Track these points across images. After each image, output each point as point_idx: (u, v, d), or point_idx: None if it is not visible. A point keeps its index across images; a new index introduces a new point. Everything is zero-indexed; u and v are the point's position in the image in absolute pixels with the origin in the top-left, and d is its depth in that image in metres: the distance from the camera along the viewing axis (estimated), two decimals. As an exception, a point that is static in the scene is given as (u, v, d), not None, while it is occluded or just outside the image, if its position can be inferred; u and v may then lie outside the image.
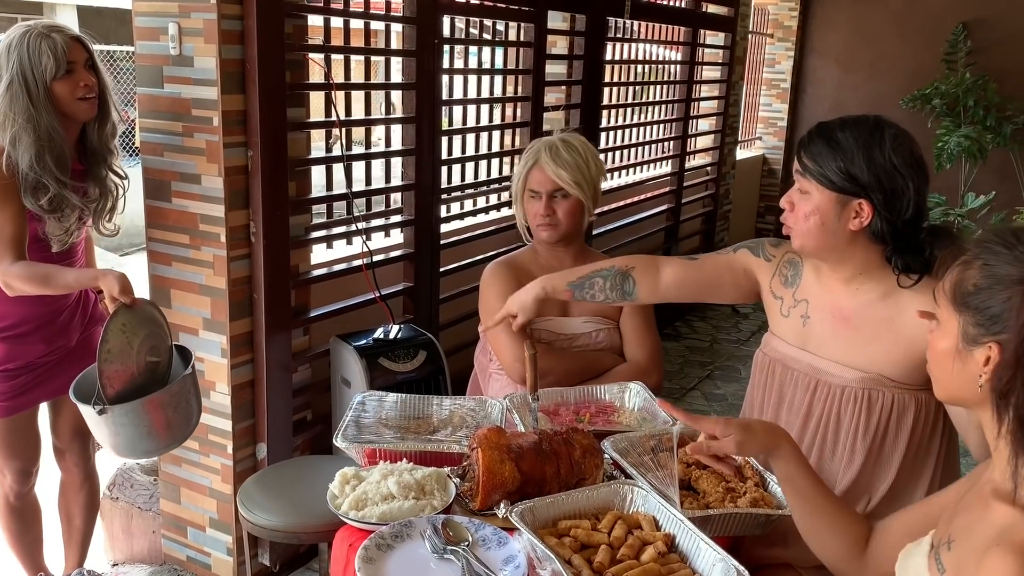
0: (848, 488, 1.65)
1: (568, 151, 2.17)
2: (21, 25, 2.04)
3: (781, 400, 1.74)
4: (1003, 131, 6.15)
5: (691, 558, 1.36)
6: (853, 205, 1.56)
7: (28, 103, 1.99)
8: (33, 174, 2.02)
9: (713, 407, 4.19)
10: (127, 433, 1.90)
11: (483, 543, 1.42)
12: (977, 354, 1.10)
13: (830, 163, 1.56)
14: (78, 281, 2.08)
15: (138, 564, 2.76)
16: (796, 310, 1.73)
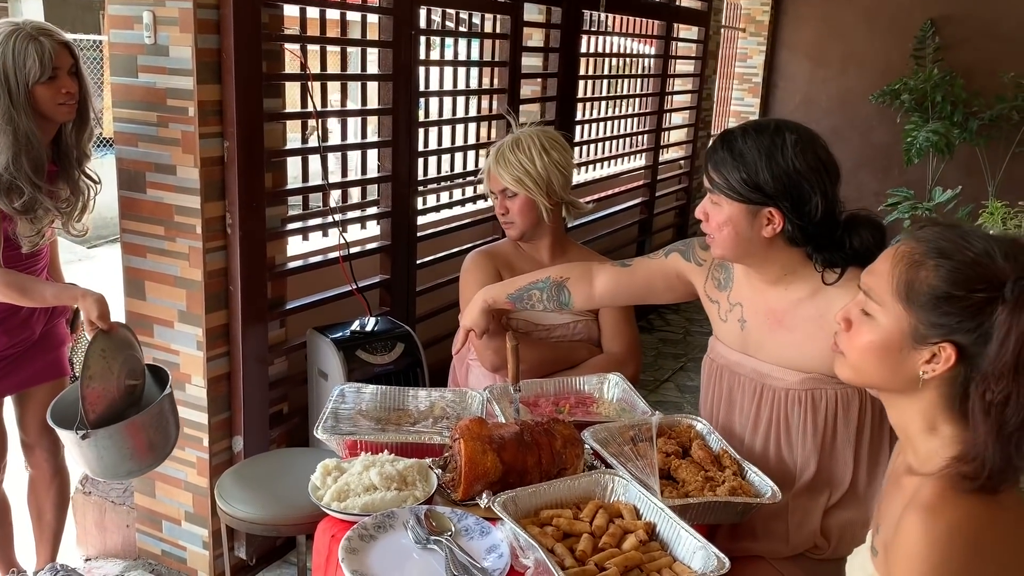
0: (808, 483, 1.67)
1: (514, 150, 2.20)
2: (8, 23, 2.01)
3: (731, 405, 1.77)
4: (970, 126, 6.26)
5: (672, 546, 1.38)
6: (764, 213, 1.57)
7: (8, 104, 1.97)
8: (8, 176, 1.99)
9: (687, 398, 4.23)
10: (110, 456, 1.94)
11: (466, 533, 1.43)
12: (920, 352, 1.12)
13: (734, 174, 1.57)
14: (56, 297, 2.09)
15: (112, 559, 2.74)
16: (732, 314, 1.75)
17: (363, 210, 3.00)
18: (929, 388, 1.13)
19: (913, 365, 1.13)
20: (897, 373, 1.15)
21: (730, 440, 1.73)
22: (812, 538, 1.67)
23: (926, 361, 1.12)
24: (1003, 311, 1.05)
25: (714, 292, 1.80)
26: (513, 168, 2.18)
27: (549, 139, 2.22)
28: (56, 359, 2.35)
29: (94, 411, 1.94)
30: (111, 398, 1.98)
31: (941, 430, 1.14)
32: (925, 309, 1.11)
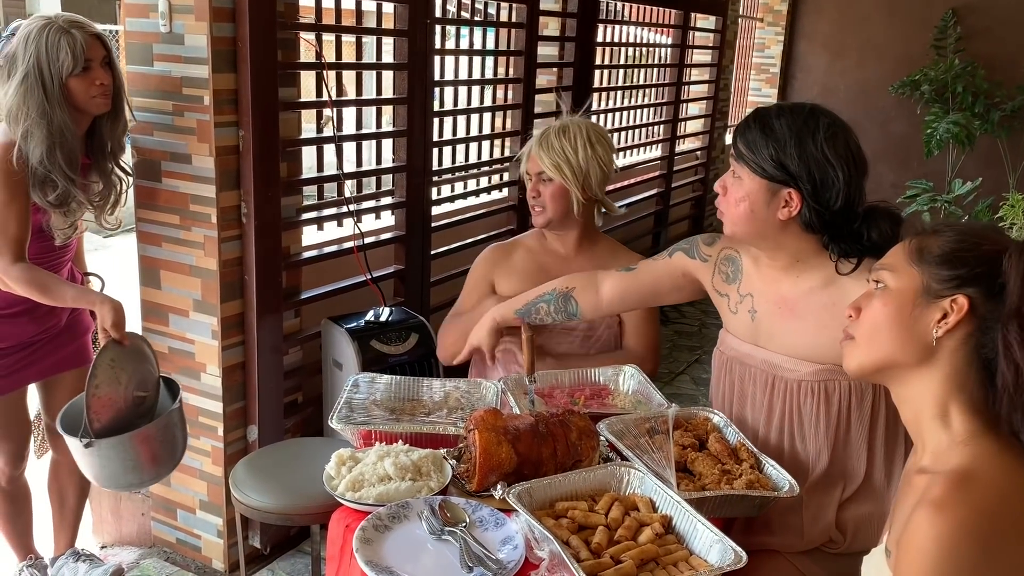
0: (822, 475, 1.65)
1: (560, 136, 2.18)
2: (40, 17, 2.02)
3: (743, 397, 1.74)
4: (991, 117, 6.18)
5: (688, 539, 1.37)
6: (783, 194, 1.55)
7: (43, 97, 1.97)
8: (43, 169, 2.00)
9: (701, 391, 4.21)
10: (113, 466, 1.95)
11: (480, 524, 1.42)
12: (932, 311, 1.15)
13: (763, 150, 1.55)
14: (75, 300, 2.10)
15: (127, 546, 2.75)
16: (743, 305, 1.73)
17: (378, 200, 2.99)
18: (941, 357, 1.14)
19: (926, 326, 1.15)
20: (910, 339, 1.16)
21: (742, 430, 1.71)
22: (827, 532, 1.65)
23: (938, 321, 1.14)
24: (1012, 257, 1.10)
25: (722, 286, 1.78)
26: (555, 154, 2.16)
27: (596, 133, 2.21)
28: (81, 346, 2.37)
29: (99, 420, 1.94)
30: (118, 408, 1.99)
31: (952, 418, 1.13)
32: (936, 264, 1.15)
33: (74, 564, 2.47)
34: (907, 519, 1.09)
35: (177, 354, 2.46)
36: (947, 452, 1.12)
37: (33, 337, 2.21)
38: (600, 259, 2.23)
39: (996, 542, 1.03)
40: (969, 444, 1.11)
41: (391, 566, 1.30)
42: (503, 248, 2.31)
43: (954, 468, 1.09)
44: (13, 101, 1.98)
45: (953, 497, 1.04)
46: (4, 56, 2.01)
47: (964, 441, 1.11)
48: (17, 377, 2.20)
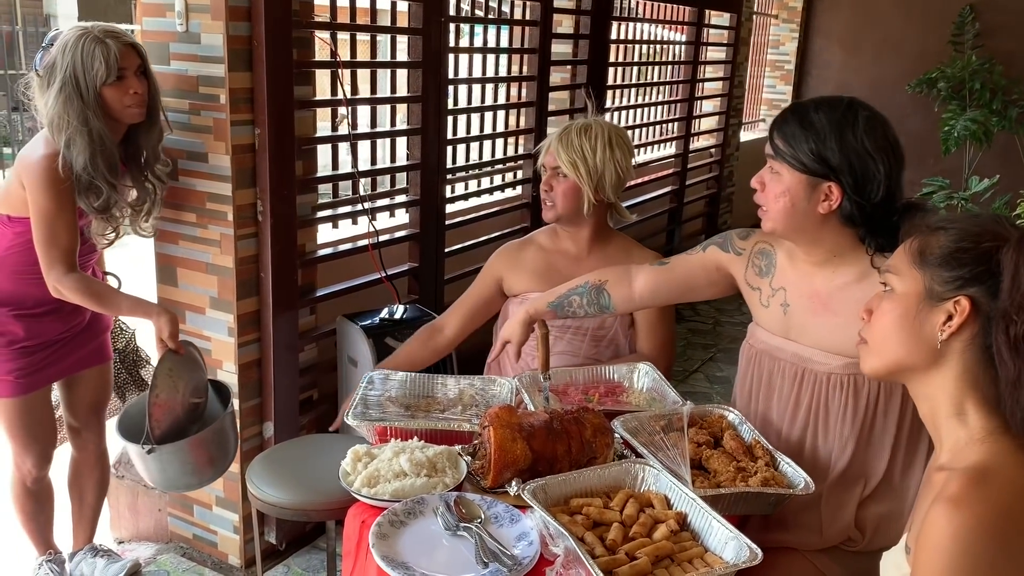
0: (843, 473, 1.65)
1: (581, 135, 2.18)
2: (78, 27, 2.05)
3: (770, 390, 1.74)
4: (1009, 114, 6.13)
5: (703, 536, 1.37)
6: (823, 188, 1.55)
7: (81, 106, 2.01)
8: (87, 175, 2.05)
9: (716, 388, 4.20)
10: (173, 470, 2.06)
11: (495, 520, 1.43)
12: (937, 313, 1.14)
13: (802, 144, 1.54)
14: (131, 310, 2.16)
15: (144, 542, 2.78)
16: (775, 299, 1.72)
17: (392, 198, 3.00)
18: (951, 357, 1.14)
19: (932, 329, 1.15)
20: (918, 342, 1.16)
21: (766, 426, 1.71)
22: (846, 531, 1.65)
23: (943, 323, 1.14)
24: (1010, 250, 1.09)
25: (755, 279, 1.77)
26: (573, 151, 2.16)
27: (618, 136, 2.21)
28: (102, 344, 2.40)
29: (159, 427, 2.03)
30: (175, 415, 2.08)
31: (969, 416, 1.13)
32: (938, 266, 1.15)
33: (92, 559, 2.50)
34: (924, 516, 1.08)
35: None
36: (965, 449, 1.12)
37: (58, 336, 2.23)
38: (612, 258, 2.23)
39: (1014, 538, 1.02)
40: (986, 441, 1.10)
41: (407, 561, 1.31)
42: (516, 246, 2.33)
43: (971, 465, 1.08)
44: (54, 110, 2.02)
45: (970, 494, 1.04)
46: (44, 66, 2.04)
47: (981, 438, 1.11)
48: (42, 375, 2.23)
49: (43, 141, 2.06)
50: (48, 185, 2.02)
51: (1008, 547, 1.02)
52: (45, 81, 2.04)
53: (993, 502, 1.03)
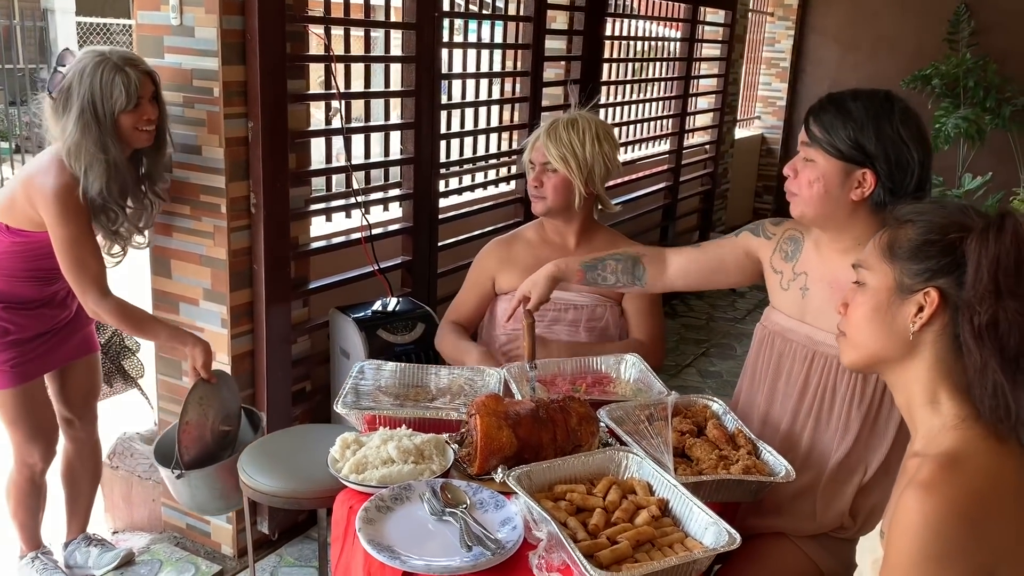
0: (843, 459, 1.67)
1: (568, 129, 2.21)
2: (94, 52, 2.08)
3: (779, 371, 1.77)
4: (1002, 112, 6.16)
5: (684, 522, 1.39)
6: (857, 175, 1.57)
7: (99, 132, 2.05)
8: (100, 200, 2.10)
9: (708, 383, 4.23)
10: (202, 494, 2.15)
11: (481, 506, 1.45)
12: (908, 305, 1.17)
13: (840, 131, 1.57)
14: (168, 338, 2.24)
15: (138, 531, 2.80)
16: (795, 283, 1.76)
17: (386, 192, 3.02)
18: (923, 347, 1.17)
19: (904, 322, 1.17)
20: (891, 335, 1.19)
21: (770, 408, 1.75)
22: (840, 518, 1.67)
23: (915, 315, 1.16)
24: (972, 241, 1.11)
25: (779, 263, 1.81)
26: (563, 146, 2.19)
27: (604, 130, 2.24)
28: (87, 335, 2.43)
29: (188, 453, 2.12)
30: (205, 442, 2.17)
31: (942, 404, 1.15)
32: (906, 259, 1.17)
33: (86, 548, 2.53)
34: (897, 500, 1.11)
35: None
36: (938, 436, 1.14)
37: (46, 328, 2.28)
38: (600, 251, 2.25)
39: (982, 522, 1.05)
40: (959, 428, 1.13)
41: (392, 545, 1.34)
42: (504, 242, 2.34)
43: (943, 451, 1.11)
44: (73, 138, 2.05)
45: (941, 478, 1.06)
46: (58, 90, 2.08)
47: (954, 425, 1.13)
48: (34, 365, 2.26)
49: (56, 166, 2.09)
50: (70, 216, 2.07)
51: (977, 531, 1.05)
52: (60, 105, 2.08)
53: (963, 486, 1.06)
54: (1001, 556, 1.06)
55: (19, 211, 2.12)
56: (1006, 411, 1.09)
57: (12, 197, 2.14)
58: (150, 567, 2.55)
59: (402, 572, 1.30)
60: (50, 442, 2.38)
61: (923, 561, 1.04)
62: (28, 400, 2.27)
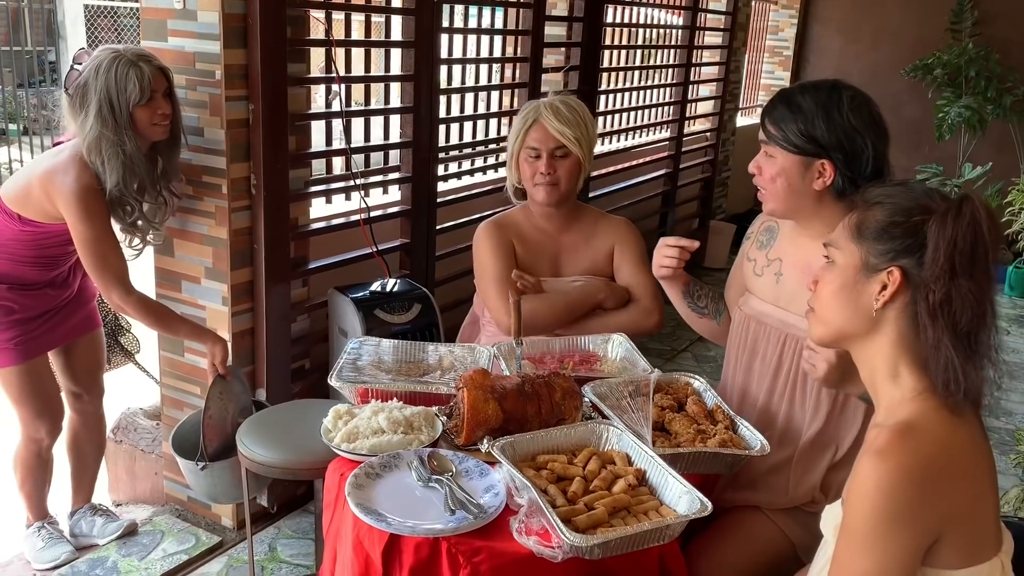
0: (815, 437, 1.73)
1: (568, 109, 2.20)
2: (109, 49, 2.14)
3: (754, 353, 1.83)
4: (1003, 102, 6.17)
5: (659, 491, 1.45)
6: (816, 166, 1.63)
7: (115, 126, 2.12)
8: (118, 192, 2.17)
9: (704, 368, 4.28)
10: (223, 484, 2.29)
11: (466, 474, 1.51)
12: (873, 283, 1.22)
13: (791, 126, 1.63)
14: (188, 334, 2.36)
15: (141, 504, 2.87)
16: (770, 269, 1.82)
17: (385, 175, 3.07)
18: (886, 324, 1.22)
19: (868, 299, 1.22)
20: (856, 312, 1.24)
21: (747, 388, 1.81)
22: (812, 492, 1.73)
23: (878, 292, 1.21)
24: (932, 223, 1.16)
25: (753, 252, 1.88)
26: (574, 127, 2.17)
27: (586, 110, 2.25)
28: (90, 312, 2.51)
29: (211, 446, 2.26)
30: (225, 434, 2.29)
31: (903, 378, 1.20)
32: (873, 240, 1.22)
33: (92, 518, 2.60)
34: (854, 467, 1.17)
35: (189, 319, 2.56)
36: (897, 408, 1.20)
37: (49, 307, 2.35)
38: (587, 232, 2.29)
39: (933, 487, 1.11)
40: (916, 400, 1.18)
41: (379, 509, 1.40)
42: (497, 223, 2.33)
43: (899, 420, 1.16)
44: (92, 133, 2.12)
45: (895, 445, 1.12)
46: (75, 87, 2.14)
47: (912, 398, 1.19)
48: (39, 343, 2.34)
49: (77, 165, 2.15)
50: (92, 215, 2.15)
51: (928, 495, 1.11)
52: (77, 102, 2.14)
53: (915, 452, 1.12)
54: (949, 519, 1.12)
55: (34, 204, 2.19)
56: (956, 385, 1.14)
57: (27, 189, 2.20)
58: (152, 538, 2.62)
59: (389, 534, 1.36)
60: (56, 418, 2.46)
61: (876, 523, 1.10)
62: (34, 377, 2.34)
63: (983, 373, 1.17)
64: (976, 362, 1.16)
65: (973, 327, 1.15)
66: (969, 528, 1.15)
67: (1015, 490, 2.88)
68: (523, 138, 2.22)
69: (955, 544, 1.14)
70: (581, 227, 2.31)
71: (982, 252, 1.15)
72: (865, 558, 1.12)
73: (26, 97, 8.35)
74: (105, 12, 10.06)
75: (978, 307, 1.15)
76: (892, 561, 1.11)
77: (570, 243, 2.29)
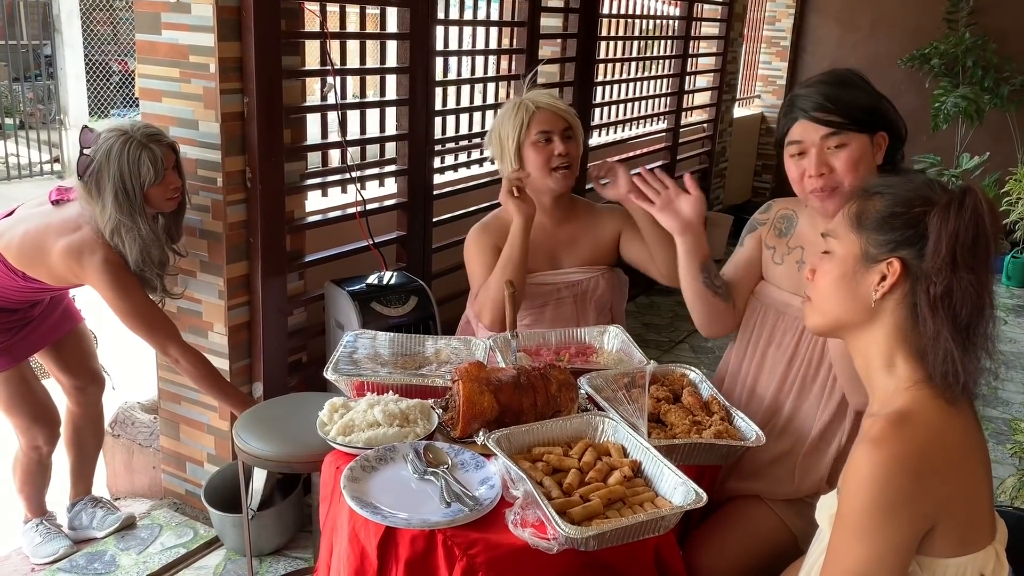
0: (826, 426, 1.73)
1: (554, 97, 2.22)
2: (116, 132, 2.14)
3: (770, 341, 1.83)
4: (1000, 92, 6.16)
5: (655, 482, 1.46)
6: (877, 139, 1.64)
7: (129, 207, 2.14)
8: (138, 270, 2.21)
9: (701, 359, 4.29)
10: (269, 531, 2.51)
11: (462, 466, 1.51)
12: (872, 274, 1.22)
13: (853, 106, 1.63)
14: (227, 399, 2.39)
15: (139, 498, 2.88)
16: (790, 256, 1.81)
17: (381, 168, 3.07)
18: (884, 314, 1.22)
19: (867, 289, 1.22)
20: (855, 301, 1.24)
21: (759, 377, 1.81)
22: (818, 485, 1.73)
23: (878, 283, 1.21)
24: (934, 215, 1.16)
25: (773, 239, 1.87)
26: (570, 110, 2.19)
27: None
28: (66, 309, 2.52)
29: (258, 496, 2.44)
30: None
31: (898, 368, 1.21)
32: (873, 230, 1.22)
33: (92, 509, 2.61)
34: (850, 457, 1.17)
35: (186, 313, 2.56)
36: (892, 397, 1.20)
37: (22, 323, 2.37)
38: (584, 224, 2.28)
39: (927, 475, 1.11)
40: (911, 390, 1.19)
41: (375, 502, 1.40)
42: (487, 228, 2.28)
43: (894, 410, 1.17)
44: (112, 218, 2.14)
45: (889, 434, 1.13)
46: (88, 174, 2.14)
47: (907, 387, 1.19)
48: (19, 348, 2.35)
49: (101, 244, 2.17)
50: (126, 286, 2.19)
51: (922, 483, 1.11)
52: (92, 188, 2.15)
53: (909, 441, 1.12)
54: (944, 508, 1.13)
55: (49, 270, 2.21)
56: (955, 376, 1.15)
57: (41, 256, 2.20)
58: (150, 531, 2.62)
59: (384, 527, 1.37)
60: (52, 425, 2.48)
61: (872, 511, 1.10)
62: (21, 383, 2.36)
63: (980, 364, 1.17)
64: (974, 354, 1.16)
65: (972, 319, 1.15)
66: (963, 517, 1.16)
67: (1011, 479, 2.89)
68: (527, 127, 2.16)
69: (949, 533, 1.15)
70: (578, 218, 2.31)
71: (983, 245, 1.15)
72: (860, 546, 1.12)
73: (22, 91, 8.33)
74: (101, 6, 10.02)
75: (978, 299, 1.15)
76: (887, 549, 1.11)
77: (567, 236, 2.28)
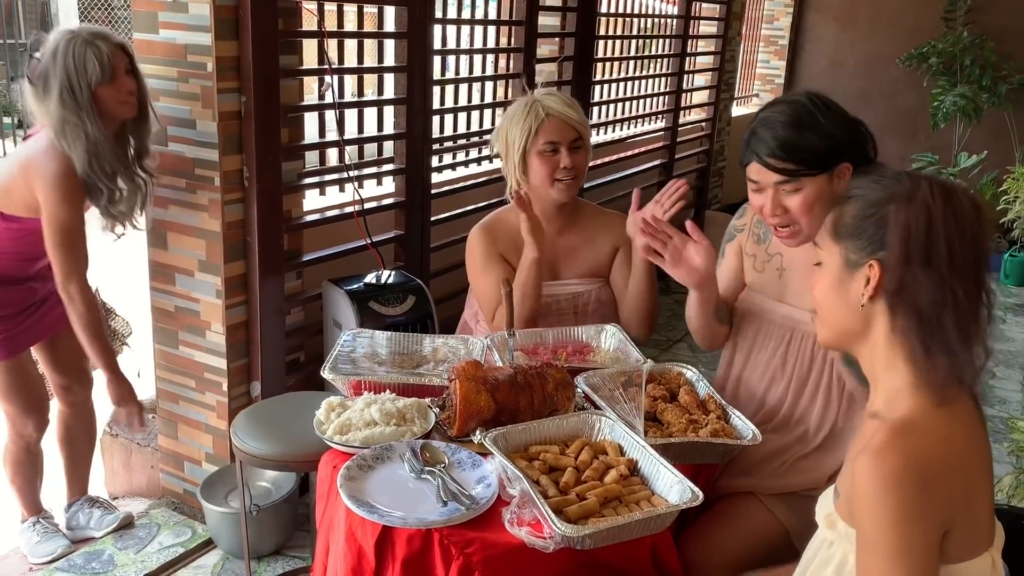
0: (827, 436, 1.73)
1: (569, 100, 2.17)
2: (65, 31, 2.12)
3: (757, 353, 1.83)
4: (998, 90, 6.17)
5: (651, 481, 1.46)
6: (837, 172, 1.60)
7: (76, 108, 2.09)
8: (86, 177, 2.15)
9: (699, 358, 4.29)
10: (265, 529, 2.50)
11: (458, 465, 1.52)
12: (857, 279, 1.20)
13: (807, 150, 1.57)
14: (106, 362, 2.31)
15: (137, 497, 2.88)
16: (771, 264, 1.80)
17: (378, 167, 3.07)
18: (876, 318, 1.20)
19: (855, 295, 1.21)
20: (848, 309, 1.23)
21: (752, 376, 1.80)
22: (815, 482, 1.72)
23: (864, 287, 1.20)
24: (894, 208, 1.16)
25: (752, 247, 1.86)
26: (582, 115, 2.14)
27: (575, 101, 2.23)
28: None
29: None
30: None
31: (899, 369, 1.19)
32: (849, 236, 1.21)
33: (89, 509, 2.61)
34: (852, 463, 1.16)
35: (183, 312, 2.56)
36: (896, 399, 1.18)
37: (33, 300, 2.36)
38: (587, 232, 2.27)
39: (934, 483, 1.09)
40: (914, 395, 1.16)
41: (372, 501, 1.40)
42: (488, 228, 2.27)
43: (898, 417, 1.15)
44: (57, 118, 2.09)
45: (893, 443, 1.11)
46: (36, 75, 2.11)
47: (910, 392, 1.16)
48: (22, 339, 2.35)
49: (53, 150, 2.13)
50: (69, 200, 2.13)
51: (930, 491, 1.09)
52: (40, 89, 2.12)
53: (914, 449, 1.10)
54: (952, 516, 1.11)
55: (16, 197, 2.18)
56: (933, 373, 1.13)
57: (8, 183, 2.18)
58: (148, 530, 2.62)
59: (381, 526, 1.37)
60: (43, 413, 2.47)
61: (888, 527, 1.08)
62: (20, 373, 2.35)
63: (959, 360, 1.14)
64: (952, 349, 1.13)
65: (939, 313, 1.13)
66: (968, 523, 1.15)
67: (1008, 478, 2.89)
68: (535, 135, 2.12)
69: (955, 539, 1.14)
70: (581, 227, 2.27)
71: (938, 236, 1.13)
72: (894, 567, 1.09)
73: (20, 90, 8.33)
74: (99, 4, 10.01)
75: (938, 294, 1.13)
76: (919, 561, 1.09)
77: (568, 246, 2.26)
